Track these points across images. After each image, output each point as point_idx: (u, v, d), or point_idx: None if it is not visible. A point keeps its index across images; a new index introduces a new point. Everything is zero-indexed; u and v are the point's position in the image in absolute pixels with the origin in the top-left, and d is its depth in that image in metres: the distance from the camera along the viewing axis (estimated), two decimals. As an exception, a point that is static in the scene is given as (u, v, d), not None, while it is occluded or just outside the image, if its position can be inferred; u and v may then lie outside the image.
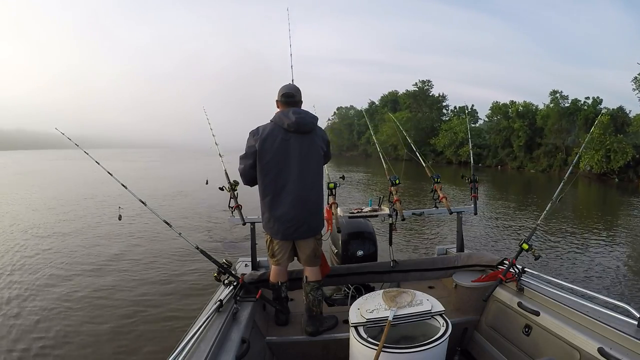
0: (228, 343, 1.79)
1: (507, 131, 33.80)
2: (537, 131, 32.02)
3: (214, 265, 2.24)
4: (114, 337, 3.87)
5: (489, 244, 7.84)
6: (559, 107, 30.65)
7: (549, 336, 1.97)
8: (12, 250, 7.05)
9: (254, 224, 2.84)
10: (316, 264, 2.34)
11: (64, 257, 6.56)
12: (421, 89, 47.52)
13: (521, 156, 32.82)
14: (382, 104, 53.68)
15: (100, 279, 5.46)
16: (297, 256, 2.37)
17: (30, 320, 4.23)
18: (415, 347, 1.68)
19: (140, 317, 4.28)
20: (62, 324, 4.14)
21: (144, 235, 7.85)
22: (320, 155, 2.28)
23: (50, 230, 8.65)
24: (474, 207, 2.97)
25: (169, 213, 9.67)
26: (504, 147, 34.34)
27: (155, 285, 5.23)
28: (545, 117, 31.16)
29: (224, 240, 7.55)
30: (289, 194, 2.18)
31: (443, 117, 45.17)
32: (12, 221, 9.60)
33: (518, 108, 34.22)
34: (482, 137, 38.11)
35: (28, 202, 12.79)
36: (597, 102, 29.43)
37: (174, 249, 6.63)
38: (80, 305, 4.61)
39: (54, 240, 7.75)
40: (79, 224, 9.34)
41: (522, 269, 2.33)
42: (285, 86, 2.30)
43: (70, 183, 18.68)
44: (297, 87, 2.30)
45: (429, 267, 2.81)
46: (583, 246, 7.74)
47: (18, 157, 51.78)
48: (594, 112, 27.96)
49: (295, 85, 2.32)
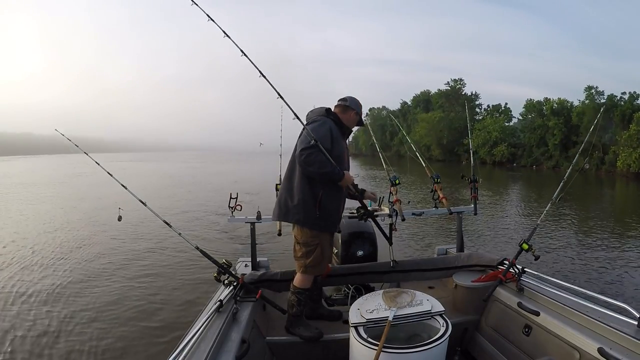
0: (228, 343, 1.79)
1: (541, 129, 32.99)
2: (572, 129, 31.00)
3: (214, 265, 2.24)
4: (114, 337, 3.87)
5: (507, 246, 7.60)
6: (595, 103, 29.52)
7: (549, 336, 1.96)
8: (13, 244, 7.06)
9: (254, 224, 2.85)
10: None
11: (64, 257, 6.57)
12: (453, 87, 47.11)
13: (557, 155, 31.84)
14: (414, 104, 53.27)
15: (100, 279, 5.46)
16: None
17: (29, 320, 4.23)
18: (415, 347, 1.68)
19: (140, 317, 4.28)
20: (61, 324, 4.14)
21: (145, 236, 7.85)
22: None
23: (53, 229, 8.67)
24: (474, 208, 2.97)
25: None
26: (539, 146, 33.49)
27: (155, 285, 5.22)
28: (580, 114, 30.09)
29: (224, 240, 7.55)
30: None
31: (476, 116, 44.47)
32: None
33: (553, 105, 33.38)
34: (516, 136, 37.57)
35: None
36: (633, 97, 28.24)
37: (174, 249, 6.64)
38: (80, 304, 4.61)
39: (54, 241, 7.77)
40: (79, 224, 9.36)
41: (522, 269, 2.33)
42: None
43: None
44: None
45: (429, 267, 2.81)
46: (616, 249, 7.45)
47: (55, 160, 51.62)
48: (631, 107, 26.81)
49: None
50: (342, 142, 2.34)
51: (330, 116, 2.33)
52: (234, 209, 2.77)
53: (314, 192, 2.19)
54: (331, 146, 2.19)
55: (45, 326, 4.10)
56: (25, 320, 4.23)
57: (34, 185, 19.09)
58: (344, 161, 2.31)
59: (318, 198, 2.19)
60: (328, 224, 2.28)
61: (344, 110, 2.39)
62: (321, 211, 2.20)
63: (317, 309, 2.52)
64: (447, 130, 42.18)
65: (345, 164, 2.32)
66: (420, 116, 45.18)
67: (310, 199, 2.19)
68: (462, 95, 46.10)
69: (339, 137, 2.30)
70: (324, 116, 2.31)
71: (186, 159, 52.56)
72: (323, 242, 2.27)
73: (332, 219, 2.30)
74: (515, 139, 36.93)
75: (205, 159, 53.31)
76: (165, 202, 12.11)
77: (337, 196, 2.28)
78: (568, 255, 6.96)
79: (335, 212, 2.30)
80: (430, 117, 43.99)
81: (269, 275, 2.59)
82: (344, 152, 2.35)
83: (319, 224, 2.22)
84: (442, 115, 43.69)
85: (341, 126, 2.36)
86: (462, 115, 43.70)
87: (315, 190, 2.19)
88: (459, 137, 40.98)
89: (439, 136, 42.47)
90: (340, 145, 2.31)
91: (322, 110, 2.36)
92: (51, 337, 3.88)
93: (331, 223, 2.31)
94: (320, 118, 2.29)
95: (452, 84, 47.28)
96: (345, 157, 2.35)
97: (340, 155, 2.26)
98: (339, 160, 2.22)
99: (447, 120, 42.99)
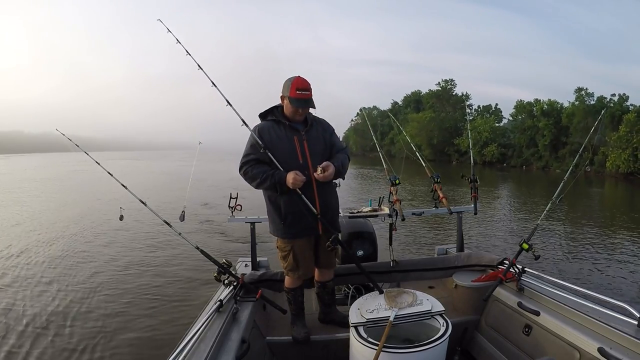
0: (228, 343, 1.79)
1: (532, 130, 33.30)
2: (562, 130, 31.37)
3: (214, 265, 2.24)
4: (113, 336, 3.87)
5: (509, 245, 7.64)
6: (585, 105, 29.91)
7: (549, 336, 1.96)
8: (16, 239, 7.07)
9: (254, 224, 2.85)
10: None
11: (63, 257, 6.57)
12: (444, 88, 47.21)
13: (546, 156, 32.24)
14: (405, 104, 53.21)
15: (99, 278, 5.46)
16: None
17: (27, 320, 4.23)
18: (415, 347, 1.68)
19: (140, 317, 4.28)
20: (60, 324, 4.14)
21: (145, 236, 7.85)
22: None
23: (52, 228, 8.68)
24: (474, 207, 2.97)
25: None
26: (529, 146, 33.83)
27: (155, 285, 5.22)
28: (570, 115, 30.46)
29: (223, 240, 7.55)
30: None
31: (467, 116, 44.87)
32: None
33: (543, 106, 33.68)
34: (506, 136, 37.76)
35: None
36: (623, 99, 28.63)
37: (174, 249, 6.64)
38: (79, 304, 4.61)
39: (53, 239, 7.77)
40: (80, 224, 9.37)
41: (522, 269, 2.33)
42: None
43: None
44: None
45: (429, 267, 2.80)
46: (606, 247, 7.55)
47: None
48: (620, 109, 27.16)
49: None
50: (285, 139, 2.11)
51: (270, 116, 2.18)
52: (234, 208, 2.77)
53: (276, 202, 2.14)
54: (271, 151, 2.05)
55: (45, 326, 4.10)
56: (23, 319, 4.24)
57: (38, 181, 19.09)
58: (294, 159, 2.08)
59: (279, 207, 2.13)
60: (298, 230, 2.15)
61: (282, 100, 2.15)
62: (286, 219, 2.13)
63: (329, 314, 2.44)
64: (438, 130, 42.35)
65: (298, 161, 2.09)
66: (411, 116, 45.18)
67: (273, 209, 2.17)
68: (452, 96, 46.32)
69: (280, 136, 2.11)
70: (261, 118, 2.20)
71: (179, 157, 52.61)
72: (296, 249, 2.19)
73: (302, 225, 2.13)
74: (505, 140, 37.19)
75: (199, 157, 53.22)
76: (164, 201, 12.11)
77: (298, 200, 2.06)
78: (564, 253, 7.04)
79: (301, 216, 2.10)
80: (420, 117, 44.06)
81: (269, 275, 2.59)
82: (292, 149, 2.10)
83: (288, 232, 2.16)
84: (432, 115, 43.76)
85: (290, 119, 2.14)
86: (452, 115, 44.04)
87: (276, 200, 2.14)
88: (449, 137, 41.31)
89: (429, 136, 42.57)
90: (283, 143, 2.10)
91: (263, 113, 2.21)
92: (48, 338, 3.87)
93: (302, 229, 2.15)
94: (253, 128, 2.15)
95: (442, 85, 47.45)
96: (296, 154, 2.09)
97: (282, 154, 2.08)
98: (285, 162, 2.06)
99: (437, 120, 43.14)
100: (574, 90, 31.37)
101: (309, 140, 2.15)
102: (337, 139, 2.32)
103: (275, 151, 2.08)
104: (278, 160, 2.06)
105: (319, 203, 2.12)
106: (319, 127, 2.25)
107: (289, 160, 2.07)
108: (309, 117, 2.21)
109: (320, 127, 2.25)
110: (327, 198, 2.18)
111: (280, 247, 2.26)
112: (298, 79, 2.07)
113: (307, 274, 2.31)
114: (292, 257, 2.21)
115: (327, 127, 2.30)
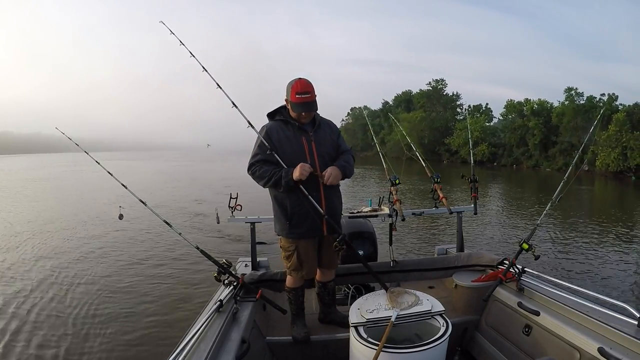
0: (228, 343, 1.79)
1: (522, 130, 33.40)
2: (552, 129, 31.58)
3: (214, 265, 2.24)
4: (113, 336, 3.86)
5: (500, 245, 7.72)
6: (574, 104, 30.14)
7: (549, 336, 1.97)
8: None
9: (254, 224, 2.85)
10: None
11: (62, 257, 6.55)
12: (435, 88, 47.15)
13: (537, 155, 32.39)
14: (395, 104, 53.16)
15: (99, 278, 5.45)
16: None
17: (27, 319, 4.22)
18: (415, 347, 1.68)
19: (140, 317, 4.27)
20: (59, 324, 4.13)
21: (145, 235, 7.84)
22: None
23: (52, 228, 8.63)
24: (474, 207, 2.97)
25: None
26: (519, 145, 33.94)
27: (155, 285, 5.22)
28: (560, 114, 30.69)
29: (223, 240, 7.54)
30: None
31: (457, 116, 44.77)
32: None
33: (533, 106, 33.84)
34: (496, 135, 37.75)
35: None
36: (612, 98, 28.89)
37: (174, 249, 6.62)
38: (79, 304, 4.60)
39: (51, 239, 7.73)
40: (79, 224, 9.33)
41: (522, 269, 2.33)
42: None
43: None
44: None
45: (429, 267, 2.81)
46: (597, 245, 7.62)
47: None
48: (610, 109, 27.28)
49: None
50: (294, 140, 2.13)
51: (278, 116, 2.20)
52: (234, 208, 2.76)
53: (283, 203, 2.15)
54: (278, 151, 2.07)
55: (45, 326, 4.09)
56: (21, 317, 4.22)
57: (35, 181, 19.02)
58: (302, 160, 2.09)
59: (286, 207, 2.14)
60: (304, 231, 2.16)
61: (287, 104, 2.18)
62: (292, 219, 2.14)
63: (329, 314, 2.45)
64: (428, 130, 42.39)
65: (306, 161, 2.09)
66: (401, 116, 45.21)
67: (280, 209, 2.18)
68: (443, 96, 46.32)
69: (289, 136, 2.13)
70: (269, 118, 2.23)
71: (170, 158, 52.59)
72: (300, 249, 2.20)
73: (307, 225, 2.14)
74: (495, 139, 37.22)
75: (191, 157, 53.27)
76: (164, 200, 12.10)
77: (304, 199, 2.07)
78: (561, 252, 7.09)
79: (307, 216, 2.11)
80: (411, 117, 44.15)
81: (269, 275, 2.59)
82: (300, 150, 2.12)
83: (293, 232, 2.17)
84: (423, 115, 43.80)
85: (296, 120, 2.15)
86: (443, 115, 44.06)
87: (282, 200, 2.15)
88: (440, 136, 41.34)
89: (420, 136, 42.68)
90: (291, 144, 2.12)
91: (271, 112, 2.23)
92: (47, 337, 3.86)
93: (308, 229, 2.16)
94: (261, 128, 2.18)
95: (433, 84, 47.43)
96: (304, 154, 2.12)
97: (290, 155, 2.10)
98: (292, 162, 2.07)
99: (428, 120, 43.20)
100: (564, 90, 31.67)
101: (317, 141, 2.17)
102: (342, 141, 2.34)
103: (282, 151, 2.10)
104: (286, 161, 2.08)
105: (325, 204, 2.14)
106: (327, 128, 2.27)
107: (296, 161, 2.08)
108: (317, 117, 2.23)
109: (328, 128, 2.28)
110: (332, 199, 2.20)
111: (285, 246, 2.26)
112: (298, 82, 2.07)
113: (310, 274, 2.32)
114: (296, 257, 2.22)
115: (334, 128, 2.34)
